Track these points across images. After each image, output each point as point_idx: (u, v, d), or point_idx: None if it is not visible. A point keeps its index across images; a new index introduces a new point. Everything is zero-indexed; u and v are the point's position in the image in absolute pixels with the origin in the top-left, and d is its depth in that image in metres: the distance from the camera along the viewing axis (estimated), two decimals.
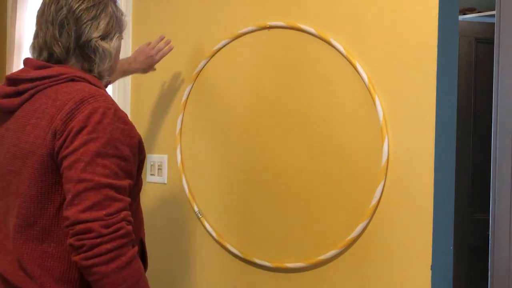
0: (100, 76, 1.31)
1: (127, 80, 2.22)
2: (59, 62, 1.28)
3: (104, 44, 1.28)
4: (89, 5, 1.27)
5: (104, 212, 1.10)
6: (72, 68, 1.27)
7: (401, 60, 1.56)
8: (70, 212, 1.10)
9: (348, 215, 1.65)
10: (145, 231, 1.41)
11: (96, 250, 1.08)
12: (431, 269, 1.50)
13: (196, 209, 1.98)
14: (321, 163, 1.70)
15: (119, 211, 1.12)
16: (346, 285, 1.66)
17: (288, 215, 1.77)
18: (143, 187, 2.14)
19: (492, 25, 1.80)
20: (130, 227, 1.14)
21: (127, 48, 2.21)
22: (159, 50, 1.93)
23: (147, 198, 2.14)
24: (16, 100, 1.25)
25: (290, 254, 1.76)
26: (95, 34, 1.27)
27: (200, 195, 2.00)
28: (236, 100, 1.91)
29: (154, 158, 2.14)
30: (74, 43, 1.26)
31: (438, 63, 1.50)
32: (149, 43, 1.93)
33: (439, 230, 1.53)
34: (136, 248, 1.17)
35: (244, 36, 1.88)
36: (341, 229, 1.65)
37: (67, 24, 1.26)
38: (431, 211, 1.50)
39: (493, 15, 1.86)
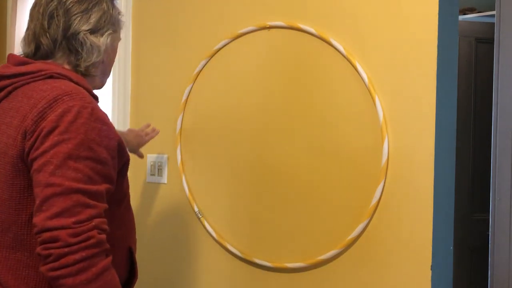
0: (87, 73, 1.24)
1: (127, 80, 2.22)
2: (46, 55, 1.23)
3: (92, 38, 1.22)
4: None
5: (73, 219, 1.01)
6: (54, 64, 1.21)
7: (401, 60, 1.56)
8: (38, 219, 1.02)
9: (348, 215, 1.65)
10: (136, 237, 1.35)
11: (62, 261, 1.00)
12: (431, 269, 1.50)
13: (196, 209, 1.98)
14: (321, 163, 1.70)
15: (90, 218, 1.04)
16: (346, 285, 1.66)
17: (288, 215, 1.77)
18: (143, 187, 2.15)
19: (492, 25, 1.80)
20: (102, 236, 1.06)
21: (127, 48, 2.21)
22: (147, 134, 1.95)
23: (147, 198, 2.14)
24: None
25: (290, 254, 1.76)
26: (84, 27, 1.21)
27: (200, 195, 2.00)
28: (236, 100, 1.91)
29: (154, 158, 2.14)
30: (62, 34, 1.21)
31: (438, 63, 1.50)
32: (138, 129, 1.96)
33: (439, 230, 1.53)
34: (109, 258, 1.08)
35: (244, 36, 1.88)
36: (341, 229, 1.65)
37: (57, 16, 1.21)
38: (431, 211, 1.51)
39: (493, 15, 1.86)
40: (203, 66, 1.98)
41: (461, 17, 2.72)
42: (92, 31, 1.22)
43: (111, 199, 1.14)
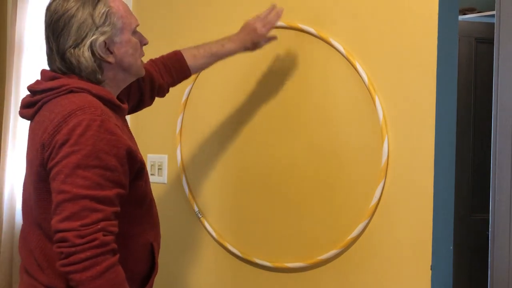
0: (97, 81, 1.29)
1: None
2: (63, 74, 1.30)
3: (76, 52, 1.26)
4: (58, 16, 1.26)
5: (79, 223, 1.13)
6: (75, 78, 1.28)
7: (401, 60, 1.56)
8: (53, 221, 1.16)
9: (348, 215, 1.65)
10: (160, 235, 1.44)
11: (71, 259, 1.13)
12: (431, 269, 1.50)
13: (196, 209, 1.98)
14: (321, 163, 1.70)
15: (96, 221, 1.15)
16: (346, 285, 1.66)
17: (288, 215, 1.77)
18: None
19: (492, 25, 1.80)
20: (108, 238, 1.16)
21: None
22: (268, 22, 1.65)
23: None
24: (31, 111, 1.31)
25: (290, 254, 1.76)
26: (67, 44, 1.26)
27: (200, 195, 2.00)
28: (236, 100, 1.91)
29: (154, 158, 2.14)
30: (58, 56, 1.28)
31: (438, 63, 1.50)
32: (257, 16, 1.67)
33: (439, 230, 1.53)
34: (115, 257, 1.18)
35: None
36: (341, 229, 1.65)
37: (50, 41, 1.29)
38: (431, 211, 1.51)
39: (493, 15, 1.85)
40: None
41: (461, 17, 2.72)
42: (75, 46, 1.26)
43: (130, 201, 1.26)
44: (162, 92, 1.70)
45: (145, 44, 1.42)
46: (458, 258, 2.25)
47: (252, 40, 1.67)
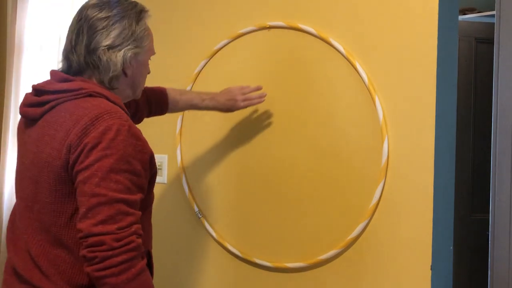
0: (110, 86, 1.32)
1: None
2: (78, 71, 1.32)
3: (110, 53, 1.29)
4: (105, 15, 1.30)
5: (116, 226, 1.15)
6: (92, 83, 1.30)
7: (401, 60, 1.56)
8: (84, 225, 1.15)
9: (348, 215, 1.65)
10: (152, 240, 1.45)
11: (107, 262, 1.13)
12: (431, 269, 1.51)
13: (196, 209, 1.98)
14: (321, 162, 1.70)
15: (130, 225, 1.17)
16: (346, 285, 1.66)
17: (288, 215, 1.77)
18: None
19: (492, 25, 1.80)
20: (140, 240, 1.18)
21: None
22: (248, 99, 1.79)
23: None
24: (39, 110, 1.30)
25: (290, 254, 1.76)
26: (103, 43, 1.29)
27: (200, 195, 2.00)
28: None
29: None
30: (85, 50, 1.29)
31: (438, 63, 1.50)
32: (242, 87, 1.81)
33: (439, 230, 1.53)
34: (145, 260, 1.22)
35: (244, 36, 1.88)
36: (341, 229, 1.65)
37: (82, 33, 1.30)
38: (431, 211, 1.51)
39: (493, 15, 1.85)
40: (203, 66, 1.98)
41: (461, 17, 2.72)
42: (110, 47, 1.29)
43: (142, 206, 1.26)
44: (139, 120, 1.72)
45: (147, 73, 1.47)
46: (458, 258, 2.25)
47: (229, 107, 1.80)
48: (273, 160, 1.81)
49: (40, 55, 2.82)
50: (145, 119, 2.18)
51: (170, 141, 2.08)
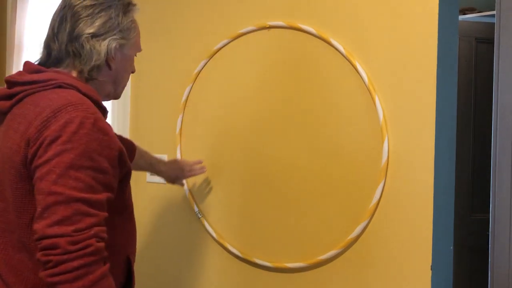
0: (90, 77, 1.26)
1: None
2: (56, 61, 1.26)
3: (93, 42, 1.24)
4: (91, 3, 1.26)
5: (72, 227, 1.05)
6: (65, 74, 1.24)
7: (401, 60, 1.56)
8: (39, 226, 1.06)
9: (348, 215, 1.65)
10: (136, 247, 1.36)
11: (62, 267, 1.03)
12: (431, 269, 1.50)
13: (196, 209, 1.98)
14: (321, 163, 1.70)
15: (90, 226, 1.07)
16: (346, 285, 1.66)
17: (288, 215, 1.77)
18: (143, 187, 2.15)
19: (492, 25, 1.80)
20: (101, 244, 1.08)
21: None
22: (192, 170, 1.87)
23: (147, 198, 2.14)
24: (7, 103, 1.23)
25: (290, 254, 1.76)
26: (87, 31, 1.23)
27: (200, 195, 2.00)
28: (236, 100, 1.91)
29: None
30: (67, 38, 1.24)
31: (438, 63, 1.50)
32: (187, 162, 1.89)
33: (439, 230, 1.53)
34: (107, 266, 1.10)
35: (244, 36, 1.88)
36: (341, 229, 1.65)
37: (65, 20, 1.25)
38: (431, 211, 1.51)
39: (493, 15, 1.86)
40: (203, 66, 1.98)
41: (461, 17, 2.72)
42: (94, 35, 1.24)
43: (112, 208, 1.17)
44: None
45: (132, 72, 1.42)
46: (458, 258, 2.25)
47: (176, 175, 1.86)
48: (273, 160, 1.81)
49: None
50: (144, 118, 2.19)
51: (170, 141, 2.08)
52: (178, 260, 2.07)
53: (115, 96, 1.39)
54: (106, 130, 1.15)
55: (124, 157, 1.21)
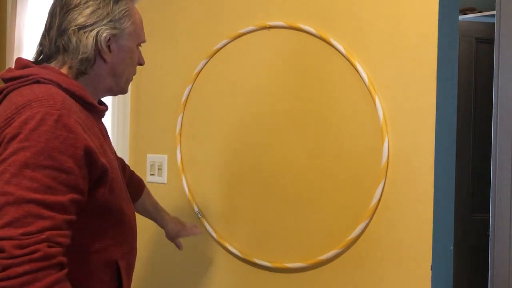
0: (79, 71, 1.21)
1: None
2: (47, 58, 1.23)
3: (79, 34, 1.19)
4: None
5: (21, 230, 0.97)
6: (49, 68, 1.19)
7: (401, 60, 1.56)
8: None
9: (348, 215, 1.65)
10: (134, 252, 1.30)
11: (8, 272, 0.95)
12: (431, 269, 1.50)
13: (196, 209, 1.98)
14: (321, 163, 1.70)
15: (41, 230, 0.99)
16: (346, 285, 1.66)
17: (288, 215, 1.77)
18: None
19: (492, 25, 1.80)
20: (53, 250, 1.00)
21: None
22: (193, 228, 1.81)
23: None
24: None
25: (290, 254, 1.76)
26: (75, 23, 1.19)
27: (200, 195, 2.00)
28: (236, 100, 1.91)
29: (154, 158, 2.14)
30: (57, 33, 1.20)
31: (438, 63, 1.50)
32: (185, 223, 1.82)
33: (439, 230, 1.53)
34: (63, 273, 1.02)
35: (244, 36, 1.88)
36: (341, 229, 1.65)
37: (55, 15, 1.22)
38: (431, 211, 1.51)
39: (493, 15, 1.86)
40: (203, 66, 1.98)
41: (461, 17, 2.72)
42: (81, 27, 1.19)
43: (89, 210, 1.13)
44: None
45: (140, 64, 1.37)
46: (458, 258, 2.25)
47: (177, 231, 1.77)
48: (273, 160, 1.81)
49: None
50: (144, 118, 2.19)
51: (170, 141, 2.08)
52: (178, 260, 2.07)
53: (121, 90, 1.34)
54: (71, 127, 1.07)
55: (93, 156, 1.12)
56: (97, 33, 1.20)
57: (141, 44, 1.36)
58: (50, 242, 1.00)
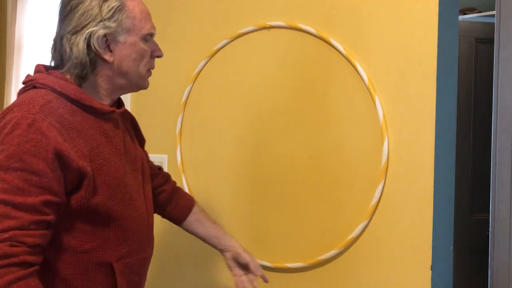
0: (80, 76, 1.21)
1: None
2: (58, 67, 1.24)
3: (73, 40, 1.18)
4: (67, 1, 1.21)
5: None
6: (51, 74, 1.21)
7: (401, 60, 1.56)
8: None
9: (348, 215, 1.65)
10: (130, 253, 1.27)
11: None
12: (431, 269, 1.50)
13: None
14: (321, 163, 1.70)
15: (6, 230, 1.02)
16: (346, 285, 1.66)
17: (288, 215, 1.77)
18: None
19: (492, 25, 1.80)
20: (16, 249, 1.02)
21: None
22: (254, 268, 1.58)
23: None
24: None
25: (290, 254, 1.76)
26: (67, 29, 1.19)
27: (200, 195, 2.00)
28: (236, 100, 1.91)
29: (154, 158, 2.14)
30: (59, 43, 1.22)
31: (438, 63, 1.50)
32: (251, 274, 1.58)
33: (439, 230, 1.53)
34: (28, 271, 1.04)
35: (244, 36, 1.88)
36: (341, 229, 1.65)
37: (57, 25, 1.24)
38: (431, 211, 1.51)
39: (493, 15, 1.86)
40: (203, 66, 1.98)
41: (461, 17, 2.72)
42: (73, 32, 1.19)
43: (73, 213, 1.15)
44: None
45: (158, 56, 1.34)
46: (458, 258, 2.25)
47: (241, 256, 1.57)
48: (272, 160, 1.81)
49: (40, 55, 2.83)
50: (144, 118, 2.18)
51: (170, 141, 2.08)
52: (177, 260, 2.07)
53: (137, 86, 1.33)
54: (44, 130, 1.09)
55: (66, 160, 1.12)
56: (89, 35, 1.19)
57: (151, 36, 1.33)
58: (13, 241, 1.02)
